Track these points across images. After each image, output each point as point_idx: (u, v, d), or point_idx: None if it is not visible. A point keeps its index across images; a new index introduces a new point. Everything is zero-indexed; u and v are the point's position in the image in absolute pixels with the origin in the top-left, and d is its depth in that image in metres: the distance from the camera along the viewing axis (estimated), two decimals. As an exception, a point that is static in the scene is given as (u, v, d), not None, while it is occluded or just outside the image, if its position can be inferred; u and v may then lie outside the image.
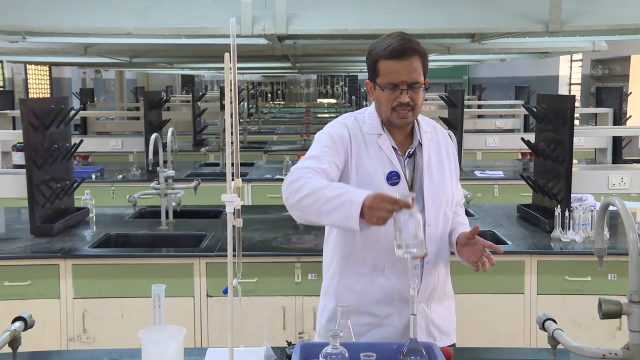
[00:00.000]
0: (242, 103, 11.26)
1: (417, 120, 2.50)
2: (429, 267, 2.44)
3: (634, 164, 6.09)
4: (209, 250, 3.95)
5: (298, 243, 4.09)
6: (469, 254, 2.40)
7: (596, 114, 7.54)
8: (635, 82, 12.23)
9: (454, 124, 7.31)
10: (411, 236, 2.04)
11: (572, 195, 4.21)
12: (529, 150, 4.96)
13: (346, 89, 20.72)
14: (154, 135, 4.55)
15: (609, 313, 1.79)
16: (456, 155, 2.64)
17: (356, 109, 3.71)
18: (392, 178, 2.41)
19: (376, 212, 2.05)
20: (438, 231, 2.47)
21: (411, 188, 2.43)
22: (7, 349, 2.04)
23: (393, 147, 2.44)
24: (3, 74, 14.13)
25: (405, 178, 2.43)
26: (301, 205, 2.21)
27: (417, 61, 2.36)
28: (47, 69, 16.32)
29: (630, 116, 9.43)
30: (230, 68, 1.93)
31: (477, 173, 6.74)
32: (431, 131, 2.54)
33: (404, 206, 2.04)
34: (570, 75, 16.15)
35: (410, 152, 2.47)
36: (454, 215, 2.59)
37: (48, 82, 16.79)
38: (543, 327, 2.04)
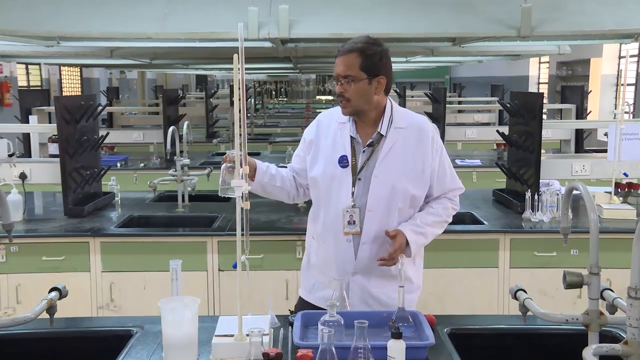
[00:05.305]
0: (249, 100, 11.20)
1: (392, 114, 2.43)
2: (365, 246, 2.42)
3: (594, 153, 6.09)
4: (220, 229, 3.95)
5: (299, 223, 4.08)
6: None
7: (561, 109, 7.55)
8: (594, 82, 12.22)
9: (437, 118, 7.31)
10: (224, 182, 2.31)
11: (540, 180, 4.21)
12: (503, 141, 4.95)
13: (341, 87, 20.60)
14: (171, 128, 4.53)
15: (572, 283, 1.80)
16: (436, 155, 2.44)
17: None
18: (343, 161, 2.42)
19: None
20: (377, 217, 2.39)
21: (359, 173, 2.41)
22: (45, 315, 2.08)
23: (352, 136, 2.44)
24: (41, 75, 14.08)
25: (354, 164, 2.41)
26: None
27: (354, 57, 2.35)
28: (79, 70, 16.28)
29: (590, 111, 9.40)
30: (239, 68, 1.92)
31: (458, 161, 6.72)
32: (408, 127, 2.43)
33: (225, 158, 2.30)
34: (538, 75, 16.14)
35: (370, 142, 2.43)
36: (426, 209, 2.48)
37: (79, 81, 16.75)
38: (515, 297, 2.04)
